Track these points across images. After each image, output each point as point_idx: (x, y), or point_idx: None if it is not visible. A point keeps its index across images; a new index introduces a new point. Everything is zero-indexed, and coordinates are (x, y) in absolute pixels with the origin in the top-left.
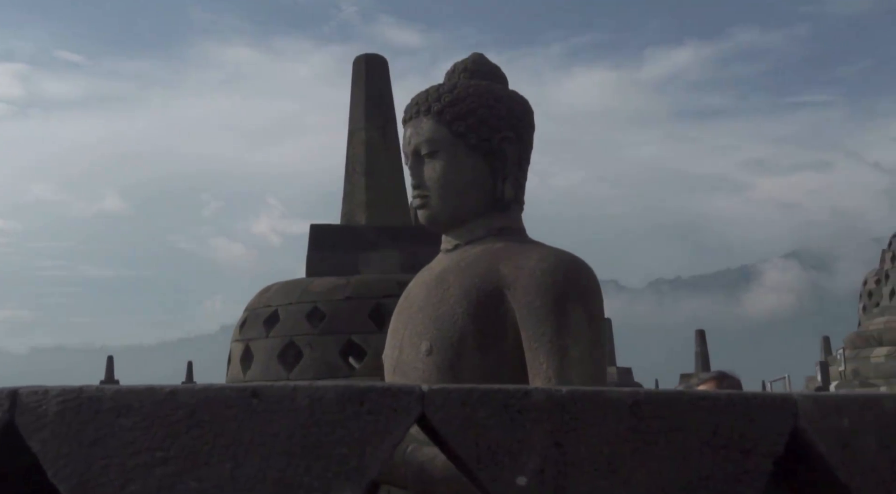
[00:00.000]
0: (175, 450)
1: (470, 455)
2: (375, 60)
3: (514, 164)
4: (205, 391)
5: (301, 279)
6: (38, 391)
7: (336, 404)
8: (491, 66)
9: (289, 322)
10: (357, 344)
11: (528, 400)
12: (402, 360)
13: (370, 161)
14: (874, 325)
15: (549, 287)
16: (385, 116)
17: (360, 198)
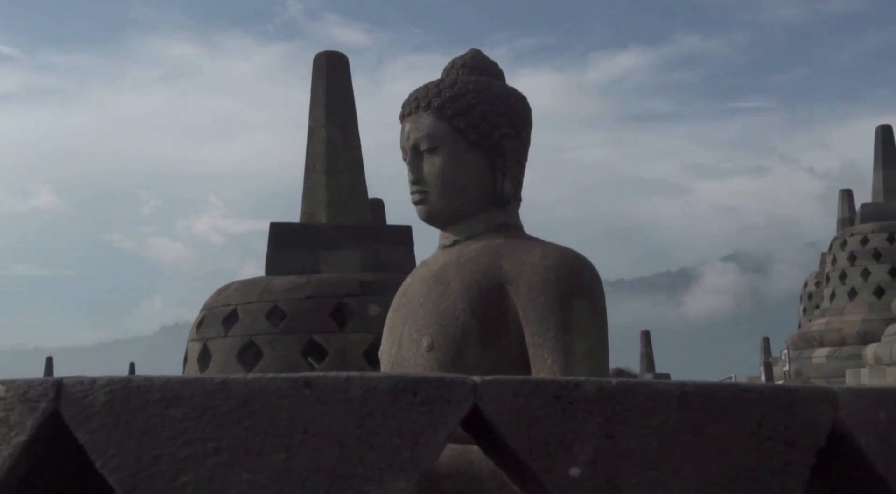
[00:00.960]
0: (227, 441)
1: (523, 446)
2: (336, 58)
3: (514, 161)
4: (256, 381)
5: (260, 278)
6: (84, 381)
7: (389, 394)
8: (489, 62)
9: (248, 321)
10: (318, 343)
11: (579, 391)
12: (401, 356)
13: (331, 159)
14: (815, 326)
15: (553, 283)
16: (346, 114)
17: (320, 196)
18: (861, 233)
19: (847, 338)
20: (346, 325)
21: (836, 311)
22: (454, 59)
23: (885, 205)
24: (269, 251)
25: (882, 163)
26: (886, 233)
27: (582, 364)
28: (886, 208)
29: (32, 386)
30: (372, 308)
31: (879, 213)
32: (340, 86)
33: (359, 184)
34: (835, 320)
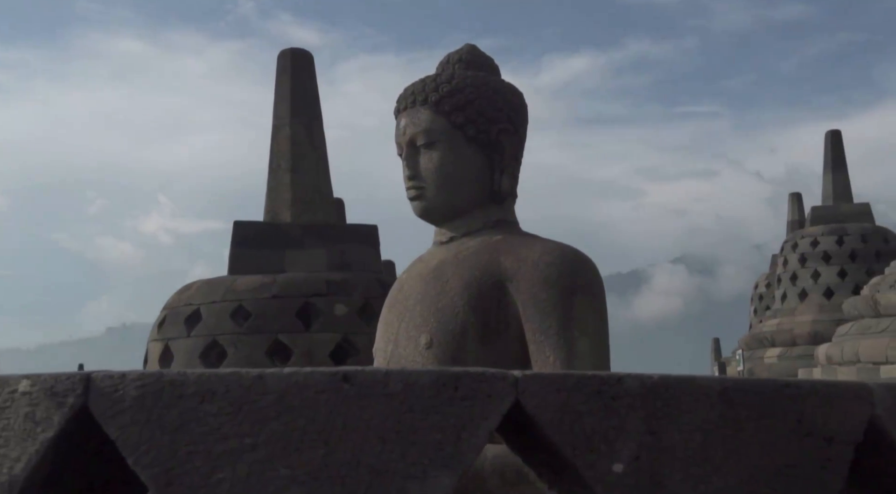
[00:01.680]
0: (264, 436)
1: (566, 442)
2: (301, 55)
3: (511, 157)
4: (293, 375)
5: (224, 277)
6: (114, 375)
7: (430, 389)
8: (485, 58)
9: (212, 321)
10: (284, 343)
11: (621, 386)
12: (398, 354)
13: (295, 157)
14: (767, 327)
15: (554, 279)
16: (311, 112)
17: (284, 195)
18: (811, 236)
19: (798, 339)
20: (313, 325)
21: (787, 312)
22: (450, 54)
23: (834, 208)
24: (232, 250)
25: (832, 167)
26: (836, 235)
27: (584, 360)
28: (836, 211)
29: (59, 380)
30: (338, 307)
31: (829, 216)
32: (305, 83)
33: (324, 183)
34: (786, 321)
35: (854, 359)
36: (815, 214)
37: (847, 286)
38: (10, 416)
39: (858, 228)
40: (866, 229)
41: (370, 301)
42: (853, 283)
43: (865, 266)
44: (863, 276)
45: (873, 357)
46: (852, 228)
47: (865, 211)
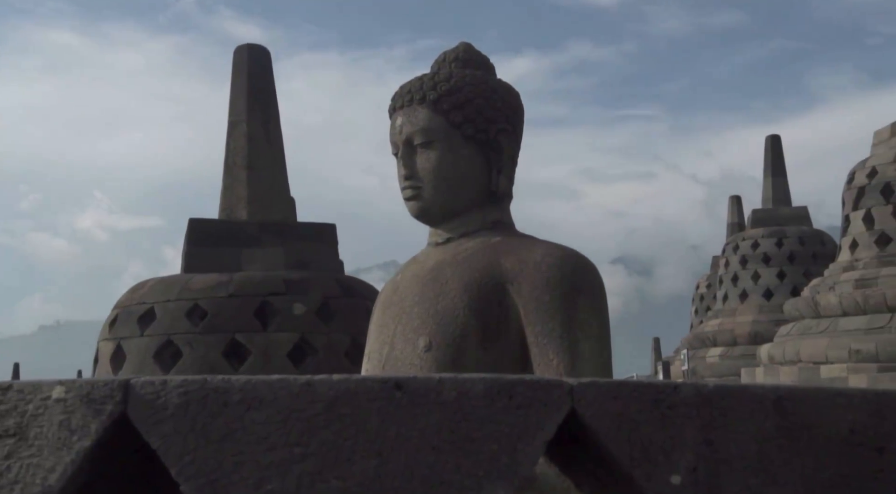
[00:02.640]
0: (314, 446)
1: (623, 452)
2: (258, 51)
3: (509, 157)
4: (344, 382)
5: (179, 275)
6: (155, 382)
7: (484, 397)
8: (481, 56)
9: (166, 320)
10: (241, 343)
11: (677, 395)
12: (395, 357)
13: (252, 154)
14: (709, 327)
15: (557, 281)
16: (268, 109)
17: (241, 192)
18: (752, 238)
19: (739, 338)
20: (270, 325)
21: (728, 313)
22: (445, 52)
23: (774, 210)
24: (187, 248)
25: (772, 171)
26: (775, 237)
27: (588, 363)
28: (775, 214)
29: (96, 386)
30: (297, 306)
31: (769, 219)
32: (262, 80)
33: (281, 181)
34: (727, 321)
35: (795, 359)
36: (755, 217)
37: (786, 287)
38: (44, 424)
39: (797, 231)
40: (804, 232)
41: (328, 300)
42: (791, 285)
43: (803, 267)
44: (800, 278)
45: (814, 357)
46: (791, 231)
47: (803, 214)
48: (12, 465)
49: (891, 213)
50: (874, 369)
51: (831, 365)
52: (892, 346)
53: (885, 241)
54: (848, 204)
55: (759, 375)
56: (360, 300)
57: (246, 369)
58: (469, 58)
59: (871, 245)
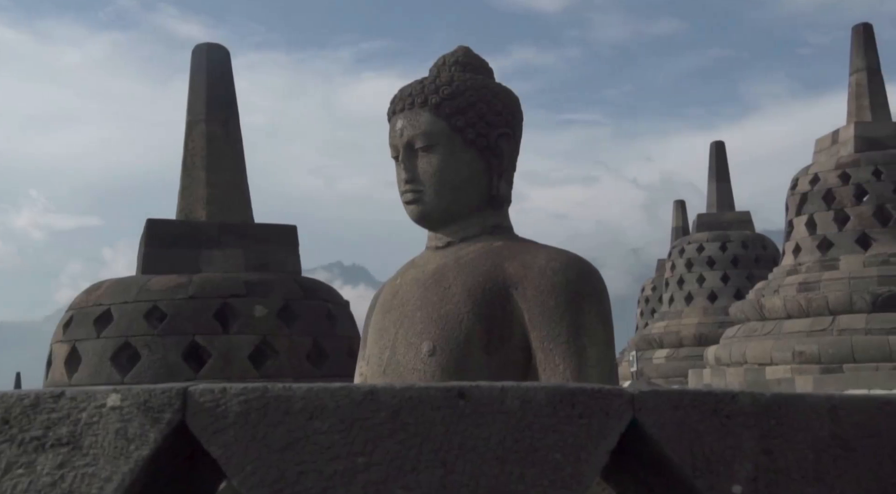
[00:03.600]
0: (378, 456)
1: (685, 462)
2: (217, 51)
3: (509, 162)
4: (407, 391)
5: (136, 276)
6: (214, 390)
7: (547, 407)
8: (480, 60)
9: (124, 321)
10: (201, 345)
11: (735, 404)
12: (396, 361)
13: (211, 155)
14: (656, 329)
15: (562, 286)
16: (228, 109)
17: (199, 192)
18: (697, 242)
19: (684, 340)
20: (231, 327)
21: (674, 315)
22: (445, 56)
23: (718, 215)
24: (145, 249)
25: (716, 176)
26: (720, 241)
27: (594, 369)
28: (720, 219)
29: (154, 394)
30: (258, 308)
31: (713, 223)
32: (222, 79)
33: (240, 182)
34: (673, 323)
35: (741, 360)
36: (700, 221)
37: (729, 290)
38: (99, 432)
39: (740, 235)
40: (747, 236)
41: (290, 302)
42: (735, 288)
43: (746, 271)
44: (744, 281)
45: (759, 358)
46: (734, 235)
47: (746, 219)
48: (66, 474)
49: (832, 219)
50: (817, 370)
51: (776, 366)
52: (833, 348)
53: (827, 246)
54: (791, 209)
55: (707, 376)
56: (320, 302)
57: (206, 372)
58: (469, 62)
59: (813, 249)
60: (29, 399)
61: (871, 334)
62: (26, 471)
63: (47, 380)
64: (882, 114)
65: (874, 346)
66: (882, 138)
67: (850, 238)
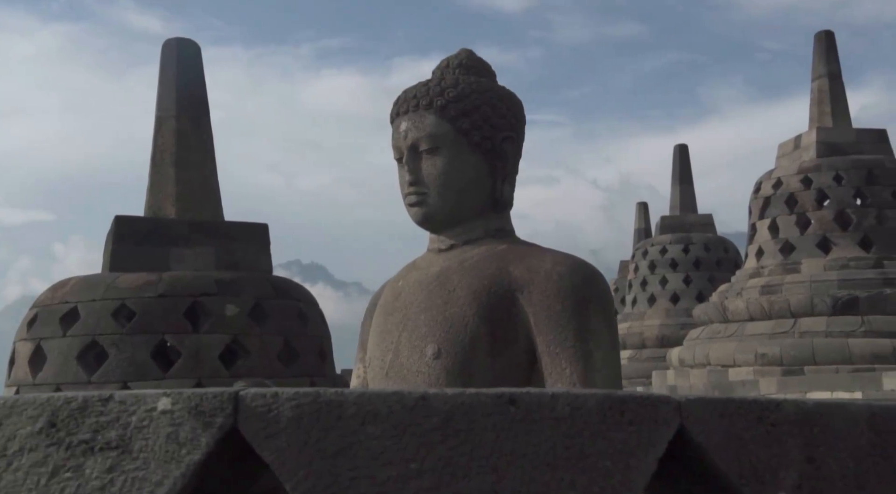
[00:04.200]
0: (430, 462)
1: (732, 470)
2: (188, 46)
3: (513, 165)
4: (458, 397)
5: (104, 274)
6: (266, 394)
7: (597, 413)
8: (484, 63)
9: (91, 320)
10: (171, 344)
11: (780, 412)
12: (400, 364)
13: (181, 151)
14: (619, 330)
15: (568, 291)
16: (199, 105)
17: (169, 189)
18: (660, 244)
19: (647, 341)
20: (202, 326)
21: (637, 316)
22: (448, 58)
23: (681, 217)
24: (113, 246)
25: (679, 179)
26: (682, 244)
27: (601, 373)
28: (682, 221)
29: (206, 398)
30: (229, 308)
31: (676, 226)
32: (192, 75)
33: (211, 179)
34: (636, 324)
35: (704, 362)
36: (663, 223)
37: (691, 292)
38: (149, 436)
39: (702, 238)
40: (709, 239)
41: (261, 301)
42: (697, 290)
43: (708, 273)
44: (705, 283)
45: (722, 360)
46: (696, 237)
47: (708, 221)
48: (116, 478)
49: (794, 223)
50: (779, 372)
51: (739, 368)
52: (794, 350)
53: (789, 250)
54: (754, 213)
55: (671, 378)
56: (292, 301)
57: (175, 371)
58: (472, 64)
59: (775, 253)
60: (76, 402)
61: (831, 337)
62: (74, 475)
63: (9, 379)
64: (843, 120)
65: (834, 349)
66: (843, 144)
67: (811, 242)
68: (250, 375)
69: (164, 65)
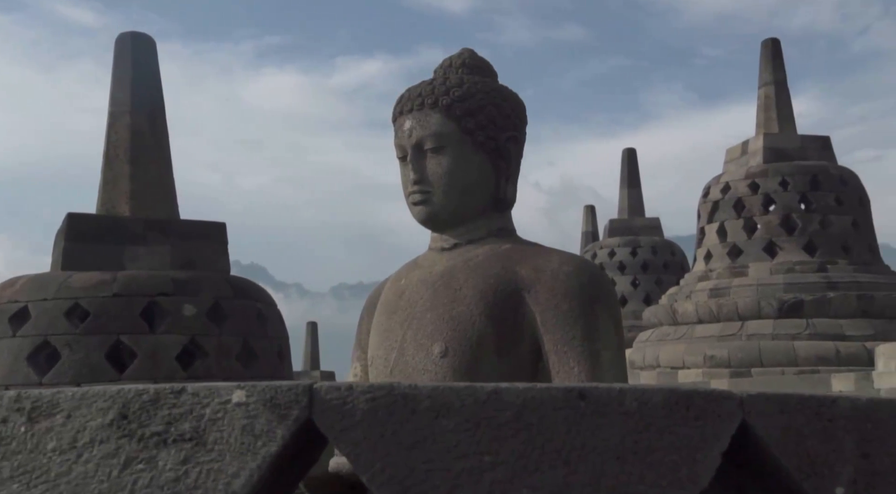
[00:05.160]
0: (504, 455)
1: (792, 464)
2: (143, 40)
3: (516, 165)
4: (529, 391)
5: (56, 273)
6: (341, 387)
7: (663, 408)
8: (486, 63)
9: (43, 319)
10: (127, 345)
11: (836, 407)
12: (405, 362)
13: (136, 148)
14: None
15: (576, 290)
16: (154, 101)
17: (123, 187)
18: (609, 247)
19: None
20: (158, 326)
21: None
22: (451, 58)
23: (629, 221)
24: (65, 244)
25: (627, 182)
26: (630, 247)
27: (608, 372)
28: (630, 224)
29: (280, 390)
30: (187, 308)
31: (624, 229)
32: (147, 70)
33: (166, 176)
34: None
35: (654, 364)
36: (612, 226)
37: (639, 295)
38: (224, 428)
39: (650, 241)
40: (656, 242)
41: (220, 301)
42: (644, 292)
43: (655, 276)
44: (653, 286)
45: (671, 362)
46: (644, 241)
47: (656, 225)
48: (190, 470)
49: (742, 227)
50: (727, 374)
51: (688, 370)
52: (742, 352)
53: (737, 253)
54: (703, 217)
55: None
56: (251, 301)
57: (131, 372)
58: (475, 64)
59: (723, 256)
60: (148, 394)
61: (777, 339)
62: (147, 466)
63: None
64: (788, 126)
65: (780, 351)
66: (789, 150)
67: (758, 246)
68: (208, 376)
69: (117, 59)
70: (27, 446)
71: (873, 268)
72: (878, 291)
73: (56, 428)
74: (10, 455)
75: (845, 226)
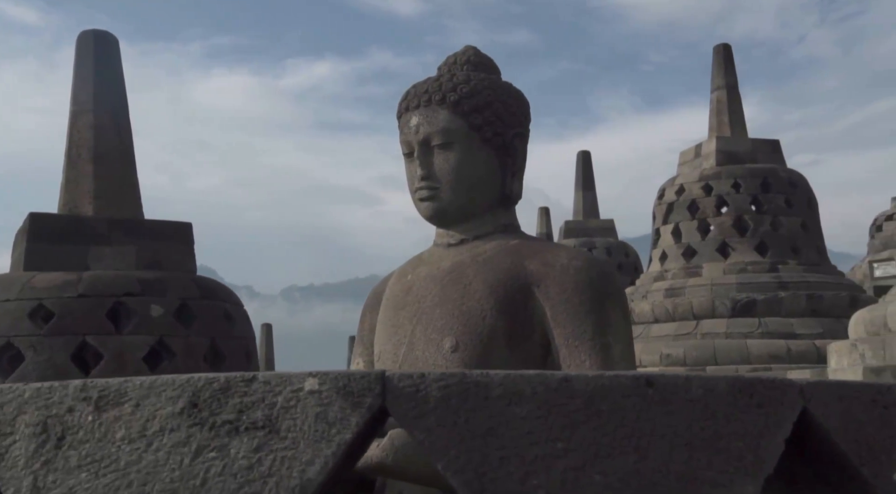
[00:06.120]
0: (575, 442)
1: (850, 451)
2: (106, 38)
3: (522, 161)
4: (598, 379)
5: (18, 273)
6: (413, 375)
7: (728, 395)
8: (490, 60)
9: (6, 320)
10: (92, 346)
11: (891, 395)
12: (415, 357)
13: (99, 147)
14: None
15: (586, 285)
16: (117, 99)
17: (86, 186)
18: None
19: None
20: (125, 327)
21: None
22: (456, 55)
23: (584, 222)
24: (28, 244)
25: (582, 185)
26: (585, 248)
27: (619, 365)
28: (585, 226)
29: (353, 378)
30: (154, 308)
31: (579, 230)
32: (110, 68)
33: (130, 175)
34: None
35: None
36: (567, 228)
37: None
38: (297, 416)
39: (604, 242)
40: (611, 243)
41: (187, 302)
42: None
43: None
44: None
45: None
46: (599, 242)
47: (610, 226)
48: (263, 458)
49: (696, 228)
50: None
51: (645, 369)
52: (697, 351)
53: (691, 254)
54: (658, 218)
55: None
56: (218, 301)
57: (98, 373)
58: (480, 61)
59: (678, 257)
60: (219, 383)
61: (731, 338)
62: (219, 455)
63: None
64: (740, 130)
65: (734, 349)
66: (740, 153)
67: (711, 246)
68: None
69: (79, 57)
70: (95, 435)
71: (821, 269)
72: (827, 291)
73: (125, 417)
74: (78, 445)
75: (795, 227)
